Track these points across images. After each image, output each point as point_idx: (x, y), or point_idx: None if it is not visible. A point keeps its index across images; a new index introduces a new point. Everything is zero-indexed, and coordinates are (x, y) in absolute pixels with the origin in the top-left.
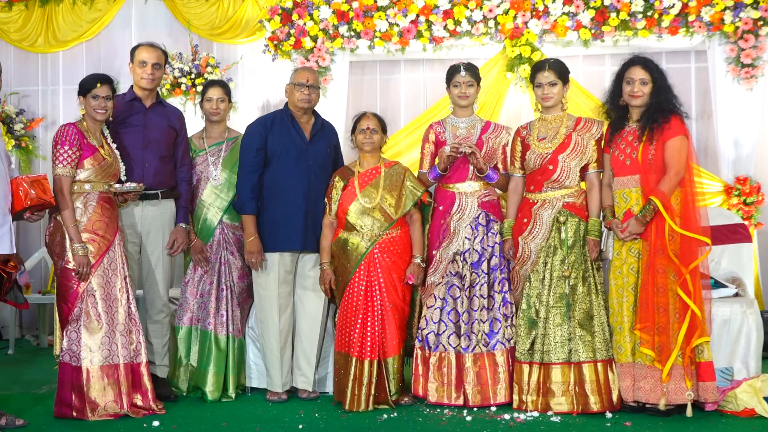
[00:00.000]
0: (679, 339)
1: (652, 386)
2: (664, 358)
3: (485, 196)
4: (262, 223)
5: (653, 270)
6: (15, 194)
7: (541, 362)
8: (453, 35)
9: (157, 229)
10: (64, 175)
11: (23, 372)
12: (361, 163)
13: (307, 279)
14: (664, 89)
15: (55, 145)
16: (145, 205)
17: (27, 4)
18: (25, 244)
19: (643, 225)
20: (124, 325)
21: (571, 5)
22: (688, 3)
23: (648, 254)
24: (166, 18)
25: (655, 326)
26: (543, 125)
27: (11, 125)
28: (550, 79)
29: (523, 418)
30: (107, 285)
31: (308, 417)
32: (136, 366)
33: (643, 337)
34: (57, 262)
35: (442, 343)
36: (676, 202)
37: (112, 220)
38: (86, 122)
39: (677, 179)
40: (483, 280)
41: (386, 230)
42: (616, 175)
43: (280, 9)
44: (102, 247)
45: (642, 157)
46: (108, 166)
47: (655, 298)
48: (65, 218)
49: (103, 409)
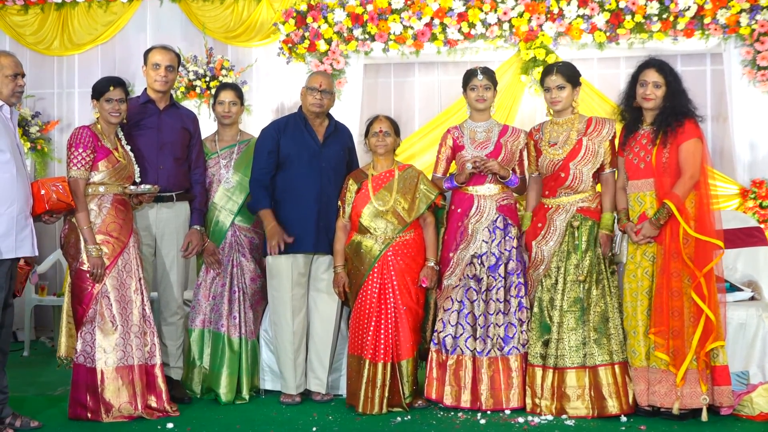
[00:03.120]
0: (693, 343)
1: (666, 390)
2: (679, 362)
3: (503, 200)
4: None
5: (668, 273)
6: (36, 197)
7: (555, 367)
8: (467, 38)
9: (172, 231)
10: (79, 178)
11: (38, 374)
12: (375, 166)
13: (320, 281)
14: (678, 93)
15: (69, 147)
16: (160, 208)
17: (43, 8)
18: (41, 247)
19: (658, 228)
20: (138, 326)
21: (586, 8)
22: (704, 5)
23: (662, 258)
24: (180, 21)
25: (669, 330)
26: (554, 128)
27: (27, 128)
28: (558, 82)
29: (537, 421)
30: (121, 287)
31: (322, 420)
32: (150, 368)
33: (658, 341)
34: (71, 263)
35: (460, 346)
36: (690, 205)
37: (126, 222)
38: (100, 125)
39: (692, 182)
40: (500, 284)
41: (400, 233)
42: (630, 179)
43: (295, 12)
44: (116, 248)
45: (656, 160)
46: (122, 169)
47: (670, 301)
48: (80, 220)
49: (117, 411)
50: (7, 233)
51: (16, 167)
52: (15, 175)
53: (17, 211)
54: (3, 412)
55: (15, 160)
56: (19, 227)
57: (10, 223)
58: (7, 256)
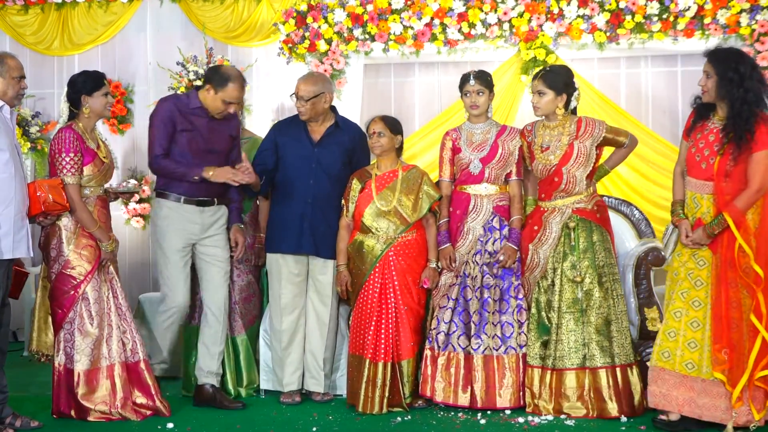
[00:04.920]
0: (749, 362)
1: (709, 402)
2: (736, 377)
3: (500, 200)
4: (268, 222)
5: (725, 283)
6: (32, 198)
7: (553, 368)
8: (467, 38)
9: (214, 232)
10: (75, 183)
11: (38, 374)
12: (379, 165)
13: (315, 282)
14: (730, 84)
15: (59, 153)
16: (204, 211)
17: (43, 8)
18: (38, 248)
19: (710, 238)
20: (117, 326)
21: (586, 8)
22: (704, 6)
23: (718, 267)
24: (181, 21)
25: (729, 344)
26: (545, 132)
27: (27, 128)
28: (538, 88)
29: (537, 421)
30: (100, 288)
31: (322, 419)
32: (133, 365)
33: (718, 358)
34: (52, 266)
35: (452, 344)
36: (753, 218)
37: (107, 223)
38: (82, 123)
39: (757, 197)
40: (495, 283)
41: (401, 233)
42: (689, 174)
43: (295, 12)
44: (97, 252)
45: (719, 167)
46: (107, 169)
47: (728, 312)
48: (86, 223)
49: (95, 411)
50: (6, 234)
51: (15, 167)
52: (13, 175)
53: (15, 211)
54: (3, 412)
55: (14, 161)
56: (16, 228)
57: (8, 224)
58: (5, 256)
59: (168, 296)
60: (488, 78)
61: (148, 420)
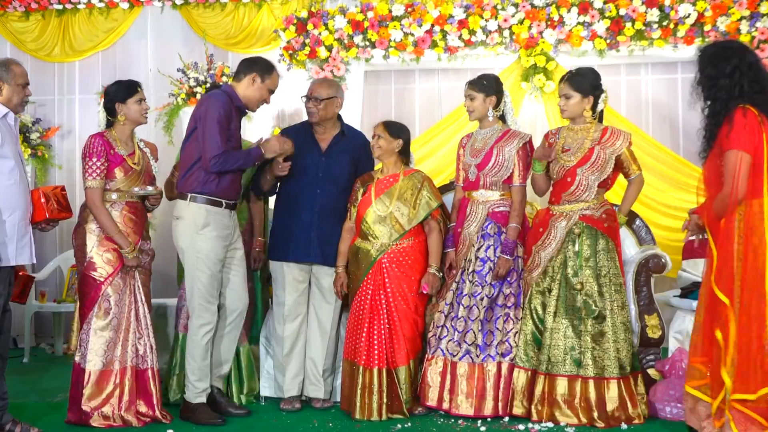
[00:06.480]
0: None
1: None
2: (714, 393)
3: (498, 207)
4: (273, 230)
5: (708, 288)
6: (36, 204)
7: (547, 372)
8: (468, 45)
9: (237, 237)
10: (96, 187)
11: (38, 380)
12: (382, 169)
13: (319, 288)
14: (708, 82)
15: (84, 157)
16: (233, 213)
17: (44, 14)
18: (40, 253)
19: (699, 228)
20: (134, 330)
21: (586, 15)
22: (704, 13)
23: (705, 273)
24: (181, 28)
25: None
26: (570, 134)
27: (28, 134)
28: (564, 91)
29: (537, 428)
30: (122, 292)
31: (322, 426)
32: (141, 372)
33: (697, 371)
34: (79, 267)
35: (441, 347)
36: (739, 226)
37: (135, 229)
38: (116, 131)
39: (731, 201)
40: (485, 292)
41: (397, 240)
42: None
43: (296, 19)
44: (120, 256)
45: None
46: (136, 175)
47: (710, 323)
48: (107, 228)
49: (100, 415)
50: (9, 240)
51: (20, 174)
52: (18, 182)
53: (18, 218)
54: (3, 418)
55: (18, 168)
56: (19, 234)
57: (12, 230)
58: (10, 263)
59: (227, 306)
60: (483, 82)
61: (149, 426)
